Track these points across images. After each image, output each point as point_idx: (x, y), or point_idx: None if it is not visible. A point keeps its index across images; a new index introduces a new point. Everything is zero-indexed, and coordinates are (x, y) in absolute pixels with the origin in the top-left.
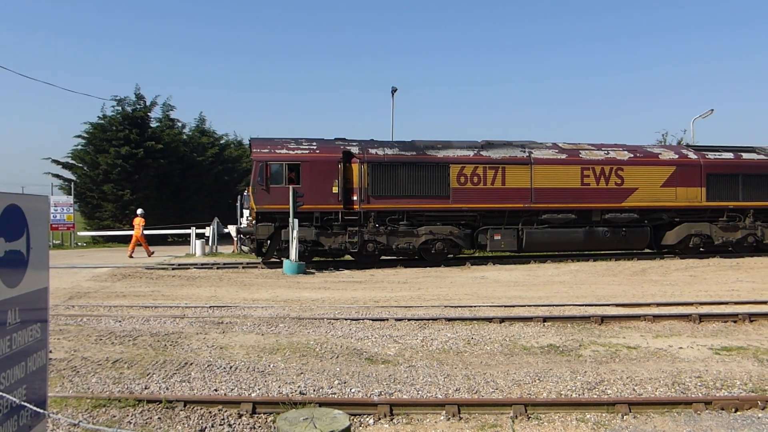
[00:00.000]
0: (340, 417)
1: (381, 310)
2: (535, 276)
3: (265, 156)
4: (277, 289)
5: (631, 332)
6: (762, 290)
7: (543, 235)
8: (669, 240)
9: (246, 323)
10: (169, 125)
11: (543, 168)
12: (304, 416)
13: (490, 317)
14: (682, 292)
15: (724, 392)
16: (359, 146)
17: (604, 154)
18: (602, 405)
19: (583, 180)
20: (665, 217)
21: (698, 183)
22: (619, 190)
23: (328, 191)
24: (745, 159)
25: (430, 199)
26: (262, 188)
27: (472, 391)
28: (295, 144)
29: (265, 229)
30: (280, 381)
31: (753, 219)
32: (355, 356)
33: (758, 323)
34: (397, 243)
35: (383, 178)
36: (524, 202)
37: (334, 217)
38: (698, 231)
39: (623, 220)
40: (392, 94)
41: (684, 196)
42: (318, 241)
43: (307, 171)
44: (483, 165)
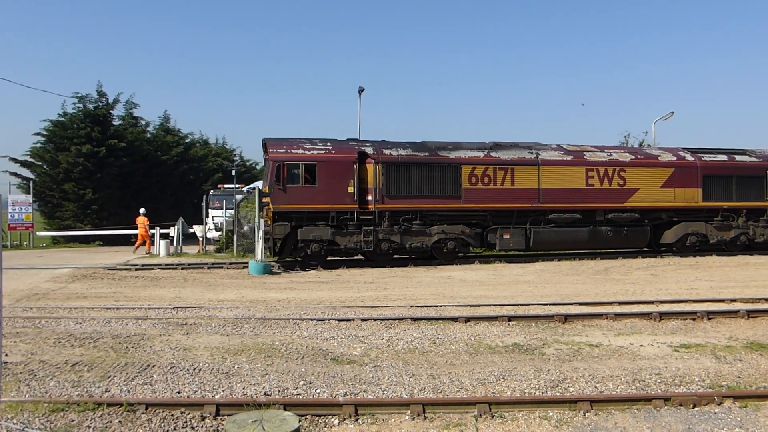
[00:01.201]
0: (290, 419)
1: (347, 310)
2: (500, 275)
3: (281, 156)
4: (242, 289)
5: (593, 330)
6: (720, 289)
7: (550, 234)
8: (667, 239)
9: (211, 324)
10: (133, 123)
11: (550, 169)
12: (253, 418)
13: (456, 317)
14: (644, 291)
15: (682, 388)
16: (373, 147)
17: (607, 155)
18: (565, 403)
19: (587, 181)
20: (664, 216)
21: (695, 184)
22: (622, 190)
23: (344, 191)
24: (738, 161)
25: (443, 199)
26: (279, 188)
27: (437, 391)
28: (310, 144)
29: (281, 228)
30: (244, 382)
31: (746, 219)
32: (320, 357)
33: (716, 321)
34: (410, 242)
35: (397, 179)
36: (532, 202)
37: (350, 217)
38: (695, 230)
39: (625, 219)
40: (359, 94)
41: (682, 197)
42: (334, 240)
43: (324, 171)
44: (493, 166)
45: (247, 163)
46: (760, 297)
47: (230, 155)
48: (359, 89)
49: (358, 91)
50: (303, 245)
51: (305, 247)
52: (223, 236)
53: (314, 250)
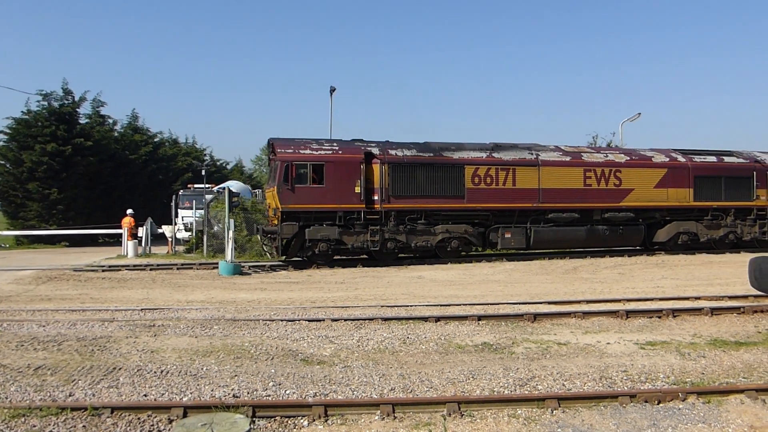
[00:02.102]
0: (240, 422)
1: (317, 310)
2: (471, 275)
3: (289, 156)
4: (212, 290)
5: (562, 329)
6: (685, 287)
7: (549, 233)
8: (660, 237)
9: (179, 326)
10: (100, 122)
11: (549, 170)
12: (202, 422)
13: (426, 316)
14: (611, 289)
15: (648, 385)
16: (379, 147)
17: (603, 156)
18: (533, 401)
19: (585, 181)
20: (657, 216)
21: (687, 184)
22: (618, 190)
23: (351, 191)
24: (726, 162)
25: (447, 199)
26: (287, 188)
27: (407, 391)
28: (317, 144)
29: (289, 228)
30: (213, 384)
31: (734, 218)
32: (290, 357)
33: (681, 318)
34: (415, 241)
35: (403, 179)
36: (533, 202)
37: (357, 217)
38: (686, 229)
39: (621, 219)
40: (330, 94)
41: (674, 197)
42: (341, 239)
43: (331, 171)
44: (495, 166)
45: (217, 163)
46: (724, 295)
47: (200, 155)
48: (331, 89)
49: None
50: (310, 244)
51: (313, 247)
52: (192, 236)
53: (322, 250)
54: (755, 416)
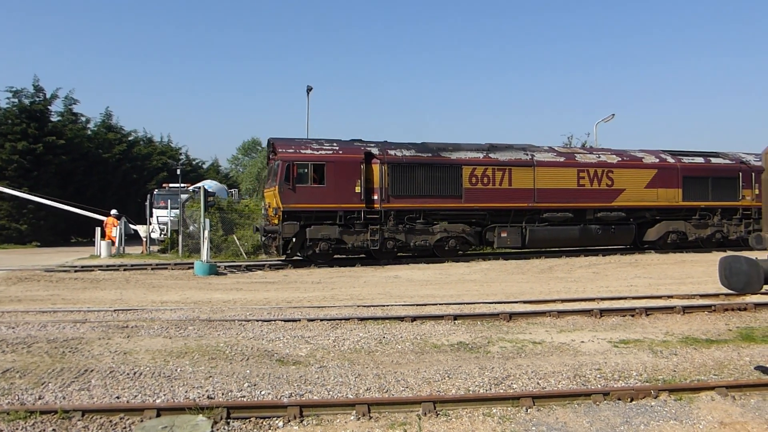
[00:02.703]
0: (202, 424)
1: (293, 310)
2: (447, 275)
3: (291, 156)
4: (187, 290)
5: (537, 328)
6: (658, 285)
7: (544, 232)
8: (650, 236)
9: (153, 327)
10: (72, 120)
11: (544, 170)
12: (163, 425)
13: (402, 316)
14: (585, 289)
15: (621, 383)
16: (378, 147)
17: (596, 157)
18: (508, 399)
19: (579, 181)
20: (648, 215)
21: (676, 185)
22: (610, 191)
23: (352, 191)
24: (713, 163)
25: (445, 199)
26: (289, 188)
27: (382, 390)
28: (318, 144)
29: (291, 227)
30: (187, 386)
31: (720, 217)
32: (266, 358)
33: (654, 317)
34: (414, 240)
35: (402, 179)
36: (528, 202)
37: (357, 216)
38: (675, 228)
39: (613, 218)
40: (307, 93)
41: (664, 197)
42: (341, 239)
43: (332, 171)
44: (492, 167)
45: (193, 162)
46: (695, 293)
47: (175, 154)
48: (307, 88)
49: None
50: (311, 244)
51: (313, 246)
52: (167, 236)
53: (322, 249)
54: (725, 412)
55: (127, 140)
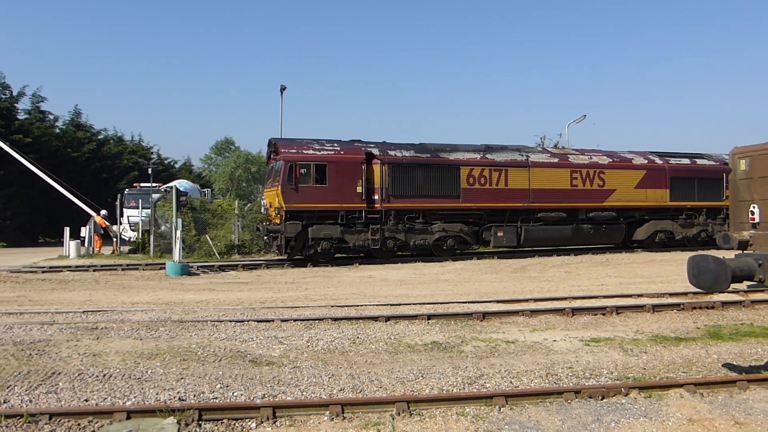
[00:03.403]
0: (168, 427)
1: (267, 311)
2: (421, 274)
3: (293, 156)
4: (158, 291)
5: (510, 327)
6: (628, 284)
7: (539, 231)
8: (639, 235)
9: (123, 328)
10: (40, 118)
11: (539, 171)
12: (127, 428)
13: (376, 316)
14: (558, 288)
15: (592, 381)
16: (378, 148)
17: (588, 158)
18: (481, 398)
19: (572, 182)
20: (637, 215)
21: (664, 185)
22: (601, 191)
23: (353, 191)
24: (699, 164)
25: (443, 199)
26: (291, 188)
27: (356, 391)
28: (319, 145)
29: (293, 227)
30: (158, 387)
31: (705, 217)
32: (238, 359)
33: (624, 315)
34: (413, 240)
35: (402, 179)
36: (523, 202)
37: (358, 216)
38: (663, 228)
39: (604, 218)
40: (281, 93)
41: (653, 197)
42: (343, 238)
43: (334, 171)
44: (489, 167)
45: (165, 162)
46: (665, 292)
47: (147, 153)
48: (281, 87)
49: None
50: (313, 243)
51: (315, 245)
52: (139, 236)
53: (324, 248)
54: (693, 409)
55: (96, 139)
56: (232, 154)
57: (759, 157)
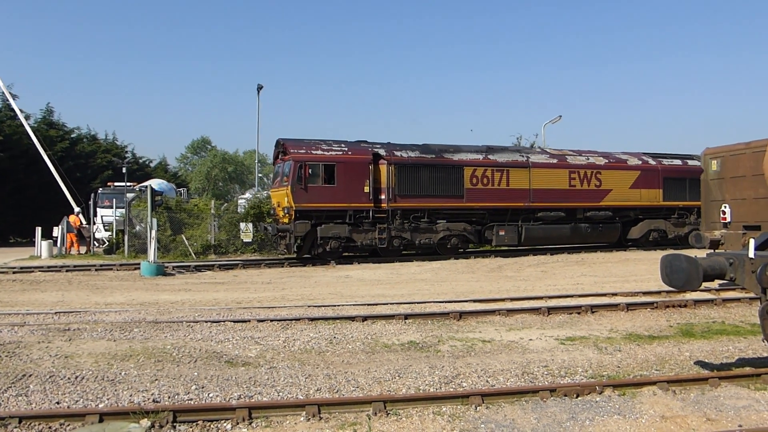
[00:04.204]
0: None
1: (243, 311)
2: (398, 274)
3: (303, 156)
4: (133, 291)
5: (486, 326)
6: (603, 283)
7: (539, 230)
8: (634, 234)
9: (97, 329)
10: (11, 116)
11: (539, 171)
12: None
13: (353, 316)
14: (534, 287)
15: (567, 379)
16: (384, 148)
17: (585, 159)
18: (457, 398)
19: (570, 182)
20: (632, 214)
21: (657, 185)
22: (598, 191)
23: (361, 190)
24: (690, 165)
25: (447, 199)
26: (301, 187)
27: (333, 391)
28: (327, 145)
29: (303, 226)
30: (132, 389)
31: (696, 216)
32: (214, 359)
33: (599, 314)
34: (419, 239)
35: (408, 179)
36: (524, 202)
37: (366, 215)
38: (657, 227)
39: (601, 217)
40: (258, 92)
41: (647, 197)
42: (351, 237)
43: (342, 171)
44: (491, 168)
45: (140, 161)
46: (638, 291)
47: (121, 152)
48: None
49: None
50: (322, 242)
51: (324, 244)
52: (113, 236)
53: (333, 247)
54: (666, 407)
55: (69, 137)
56: (209, 153)
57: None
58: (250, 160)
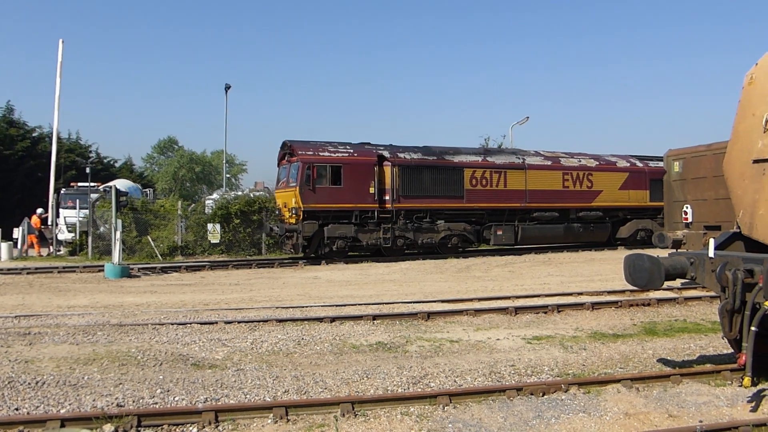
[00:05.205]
0: None
1: (210, 313)
2: (367, 275)
3: (310, 158)
4: (97, 294)
5: (454, 327)
6: (569, 283)
7: (534, 230)
8: (622, 234)
9: (59, 333)
10: None
11: (535, 173)
12: None
13: (321, 317)
14: (501, 287)
15: (534, 378)
16: (388, 150)
17: (577, 161)
18: (425, 398)
19: (563, 183)
20: (621, 215)
21: (644, 186)
22: (590, 192)
23: (366, 191)
24: None
25: (448, 199)
26: (309, 188)
27: (301, 392)
28: (333, 147)
29: (310, 226)
30: (95, 394)
31: None
32: (180, 362)
33: (565, 313)
34: (421, 238)
35: (411, 180)
36: (521, 202)
37: (371, 215)
38: (644, 226)
39: (592, 217)
40: (226, 92)
41: (635, 198)
42: (356, 237)
43: (348, 172)
44: (490, 169)
45: (104, 161)
46: (603, 290)
47: (85, 152)
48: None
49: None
50: (329, 242)
51: (330, 244)
52: (76, 238)
53: (339, 247)
54: (630, 404)
55: (31, 136)
56: (176, 153)
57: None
58: (217, 160)
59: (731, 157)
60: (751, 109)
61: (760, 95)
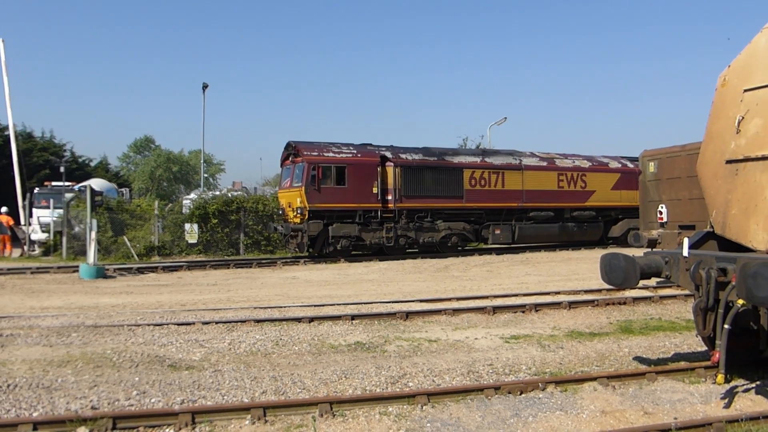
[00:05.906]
0: None
1: (187, 313)
2: (345, 275)
3: (315, 158)
4: (71, 295)
5: (433, 326)
6: (546, 282)
7: (531, 229)
8: (615, 233)
9: (32, 335)
10: None
11: (531, 173)
12: None
13: (300, 317)
14: (480, 287)
15: (511, 377)
16: (390, 151)
17: (571, 162)
18: (404, 397)
19: (558, 183)
20: (613, 214)
21: (635, 186)
22: (583, 192)
23: (369, 191)
24: None
25: (448, 199)
26: (314, 188)
27: (279, 393)
28: (337, 148)
29: (316, 226)
30: (69, 396)
31: None
32: (156, 364)
33: (542, 312)
34: (422, 237)
35: (413, 180)
36: (518, 202)
37: (374, 215)
38: (635, 226)
39: (586, 216)
40: (203, 91)
41: (626, 197)
42: (360, 236)
43: (352, 173)
44: (488, 170)
45: (79, 160)
46: (580, 289)
47: (59, 151)
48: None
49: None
50: (333, 241)
51: (335, 243)
52: (50, 238)
53: (343, 246)
54: (606, 402)
55: (2, 135)
56: (153, 152)
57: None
58: (195, 160)
59: (705, 157)
60: (724, 111)
61: (732, 97)
